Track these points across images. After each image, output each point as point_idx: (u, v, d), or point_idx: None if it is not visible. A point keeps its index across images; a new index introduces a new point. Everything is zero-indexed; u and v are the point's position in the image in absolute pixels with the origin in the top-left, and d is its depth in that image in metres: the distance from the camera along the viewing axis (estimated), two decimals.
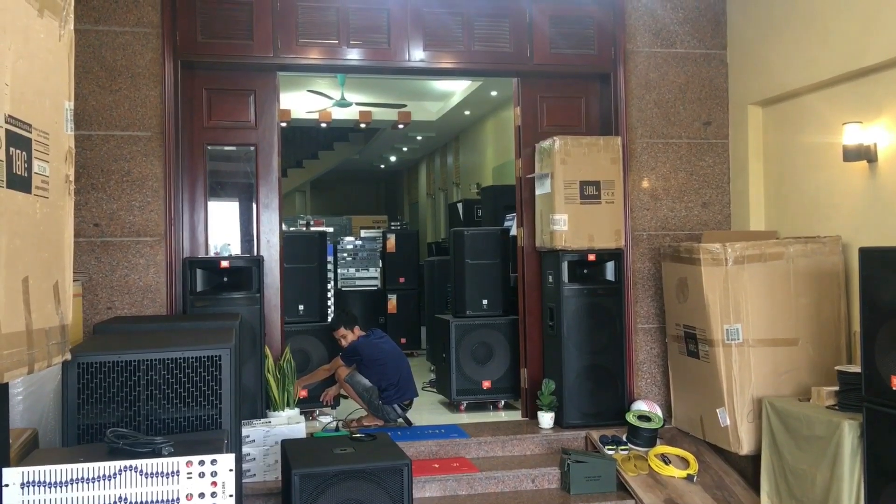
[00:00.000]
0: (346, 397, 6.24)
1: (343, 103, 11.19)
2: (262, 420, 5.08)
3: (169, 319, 5.00)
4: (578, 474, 5.02)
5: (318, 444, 4.63)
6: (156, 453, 2.04)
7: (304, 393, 6.08)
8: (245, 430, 4.84)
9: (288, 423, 5.07)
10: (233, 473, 2.04)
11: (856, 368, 4.21)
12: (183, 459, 2.03)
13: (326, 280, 6.89)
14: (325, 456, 4.12)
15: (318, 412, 6.25)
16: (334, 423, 5.79)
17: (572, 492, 4.99)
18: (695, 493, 4.91)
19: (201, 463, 2.04)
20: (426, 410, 6.53)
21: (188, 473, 2.04)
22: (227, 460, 2.05)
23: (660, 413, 5.53)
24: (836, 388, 4.42)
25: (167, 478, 2.02)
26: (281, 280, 5.73)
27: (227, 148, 5.80)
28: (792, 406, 4.59)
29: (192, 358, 3.01)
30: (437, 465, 5.17)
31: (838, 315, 5.07)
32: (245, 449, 4.85)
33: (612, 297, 5.79)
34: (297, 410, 5.47)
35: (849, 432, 4.11)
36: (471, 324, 6.56)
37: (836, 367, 4.51)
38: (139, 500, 1.99)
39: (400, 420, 5.92)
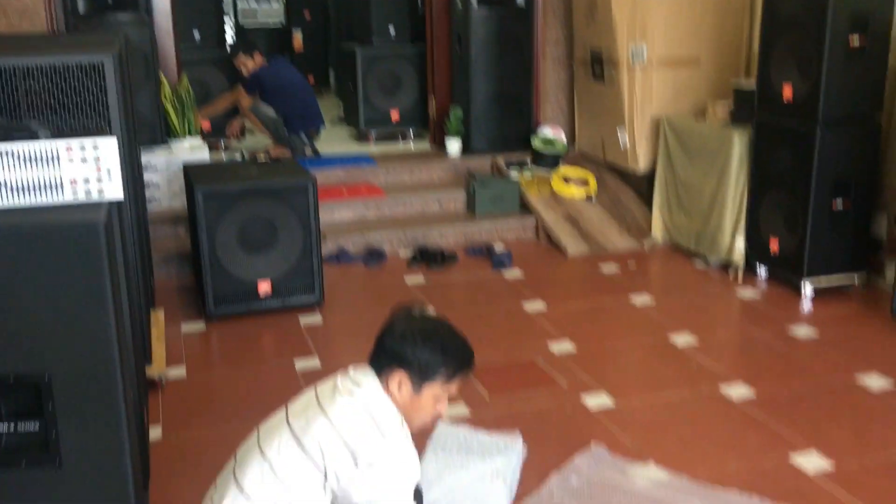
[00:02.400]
0: (252, 131, 6.11)
1: None
2: (163, 146, 4.95)
3: (49, 37, 4.66)
4: (483, 196, 5.18)
5: (222, 166, 4.57)
6: (32, 136, 1.95)
7: (206, 125, 5.90)
8: (146, 158, 4.72)
9: (190, 150, 4.97)
10: (117, 158, 1.98)
11: (752, 85, 4.31)
12: (63, 142, 1.95)
13: (222, 5, 6.49)
14: (229, 176, 4.09)
15: (223, 144, 6.12)
16: (240, 155, 5.71)
17: (477, 212, 5.17)
18: (591, 209, 5.16)
19: (82, 148, 1.97)
20: (335, 143, 6.47)
21: (70, 158, 1.97)
22: (109, 144, 1.98)
23: (564, 138, 5.64)
24: (731, 103, 4.53)
25: (47, 163, 1.95)
26: (172, 2, 5.33)
27: None
28: (688, 123, 4.74)
29: (74, 65, 2.83)
30: (345, 190, 5.23)
31: (741, 33, 5.09)
32: (148, 176, 4.77)
33: (521, 22, 5.64)
34: (199, 139, 5.33)
35: (738, 143, 4.29)
36: (378, 54, 6.37)
37: (732, 82, 4.61)
38: (19, 185, 1.93)
39: (308, 150, 5.88)
